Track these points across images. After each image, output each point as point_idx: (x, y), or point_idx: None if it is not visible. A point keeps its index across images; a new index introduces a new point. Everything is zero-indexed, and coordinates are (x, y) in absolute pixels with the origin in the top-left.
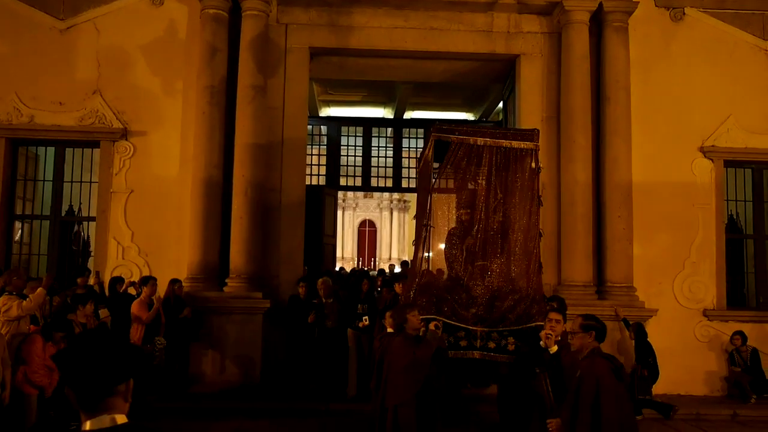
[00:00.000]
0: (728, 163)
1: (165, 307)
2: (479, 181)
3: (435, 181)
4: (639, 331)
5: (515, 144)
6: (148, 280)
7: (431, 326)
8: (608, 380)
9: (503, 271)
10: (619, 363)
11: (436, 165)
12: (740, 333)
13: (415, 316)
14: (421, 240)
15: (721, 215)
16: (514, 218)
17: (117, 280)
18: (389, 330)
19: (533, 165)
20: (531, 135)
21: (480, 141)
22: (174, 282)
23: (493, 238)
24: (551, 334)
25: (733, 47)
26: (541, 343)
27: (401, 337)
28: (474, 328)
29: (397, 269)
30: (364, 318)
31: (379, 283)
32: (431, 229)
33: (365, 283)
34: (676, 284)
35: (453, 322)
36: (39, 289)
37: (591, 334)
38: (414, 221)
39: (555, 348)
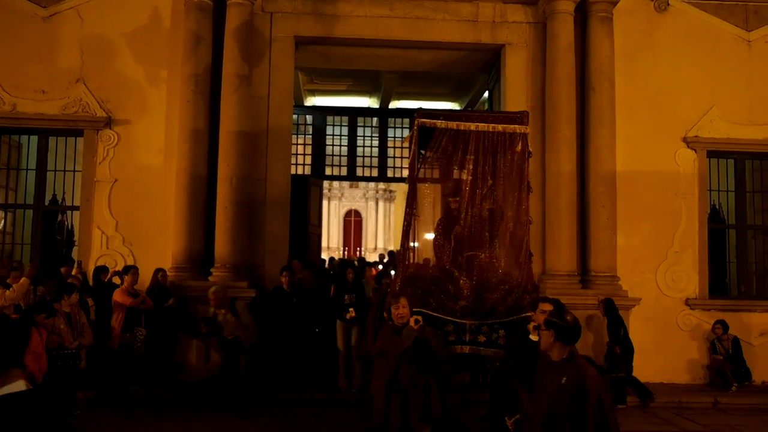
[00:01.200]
0: (711, 154)
1: (149, 297)
2: (467, 167)
3: (419, 169)
4: (609, 307)
5: (503, 128)
6: (129, 269)
7: (411, 321)
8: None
9: (492, 261)
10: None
11: (422, 152)
12: (721, 322)
13: (398, 308)
14: (407, 230)
15: (704, 205)
16: (503, 206)
17: (101, 270)
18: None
19: (523, 149)
20: (520, 118)
21: (465, 126)
22: (158, 271)
23: (481, 226)
24: (542, 326)
25: (716, 38)
26: (531, 336)
27: (389, 328)
28: (462, 321)
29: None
30: (350, 309)
31: (373, 273)
32: (417, 219)
33: (350, 272)
34: (659, 274)
35: (440, 315)
36: (23, 279)
37: (551, 332)
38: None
39: None
